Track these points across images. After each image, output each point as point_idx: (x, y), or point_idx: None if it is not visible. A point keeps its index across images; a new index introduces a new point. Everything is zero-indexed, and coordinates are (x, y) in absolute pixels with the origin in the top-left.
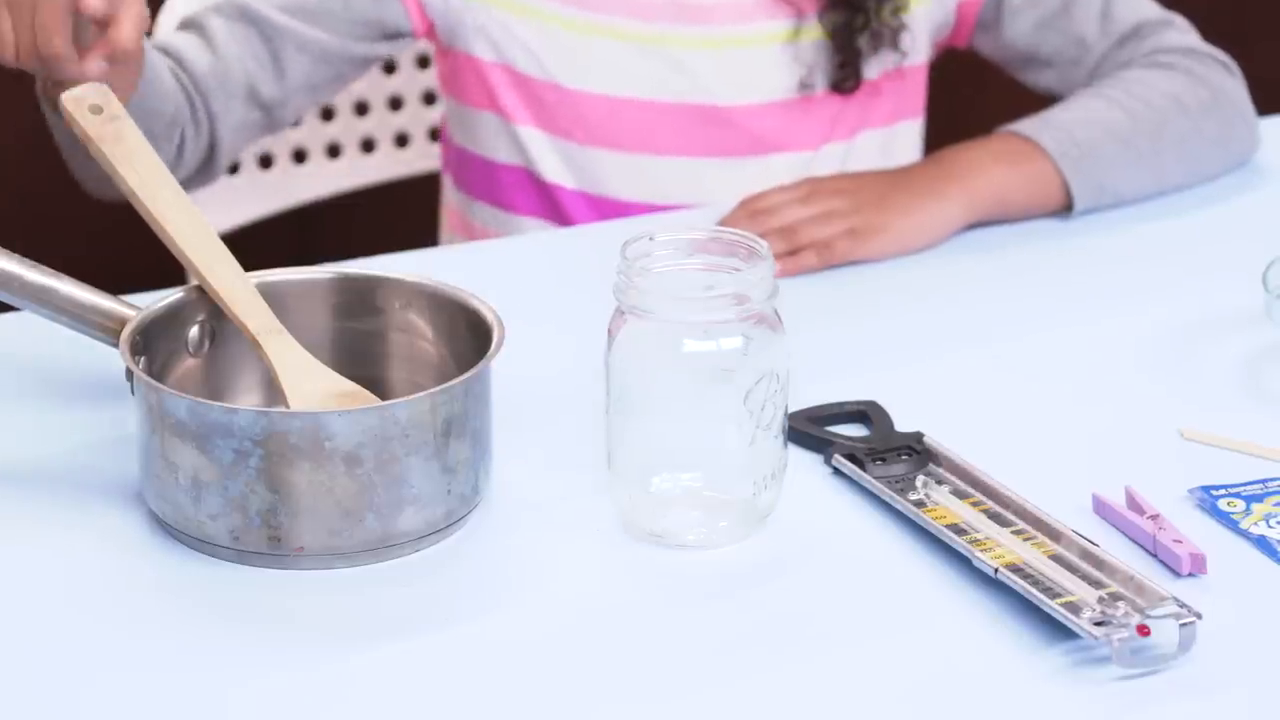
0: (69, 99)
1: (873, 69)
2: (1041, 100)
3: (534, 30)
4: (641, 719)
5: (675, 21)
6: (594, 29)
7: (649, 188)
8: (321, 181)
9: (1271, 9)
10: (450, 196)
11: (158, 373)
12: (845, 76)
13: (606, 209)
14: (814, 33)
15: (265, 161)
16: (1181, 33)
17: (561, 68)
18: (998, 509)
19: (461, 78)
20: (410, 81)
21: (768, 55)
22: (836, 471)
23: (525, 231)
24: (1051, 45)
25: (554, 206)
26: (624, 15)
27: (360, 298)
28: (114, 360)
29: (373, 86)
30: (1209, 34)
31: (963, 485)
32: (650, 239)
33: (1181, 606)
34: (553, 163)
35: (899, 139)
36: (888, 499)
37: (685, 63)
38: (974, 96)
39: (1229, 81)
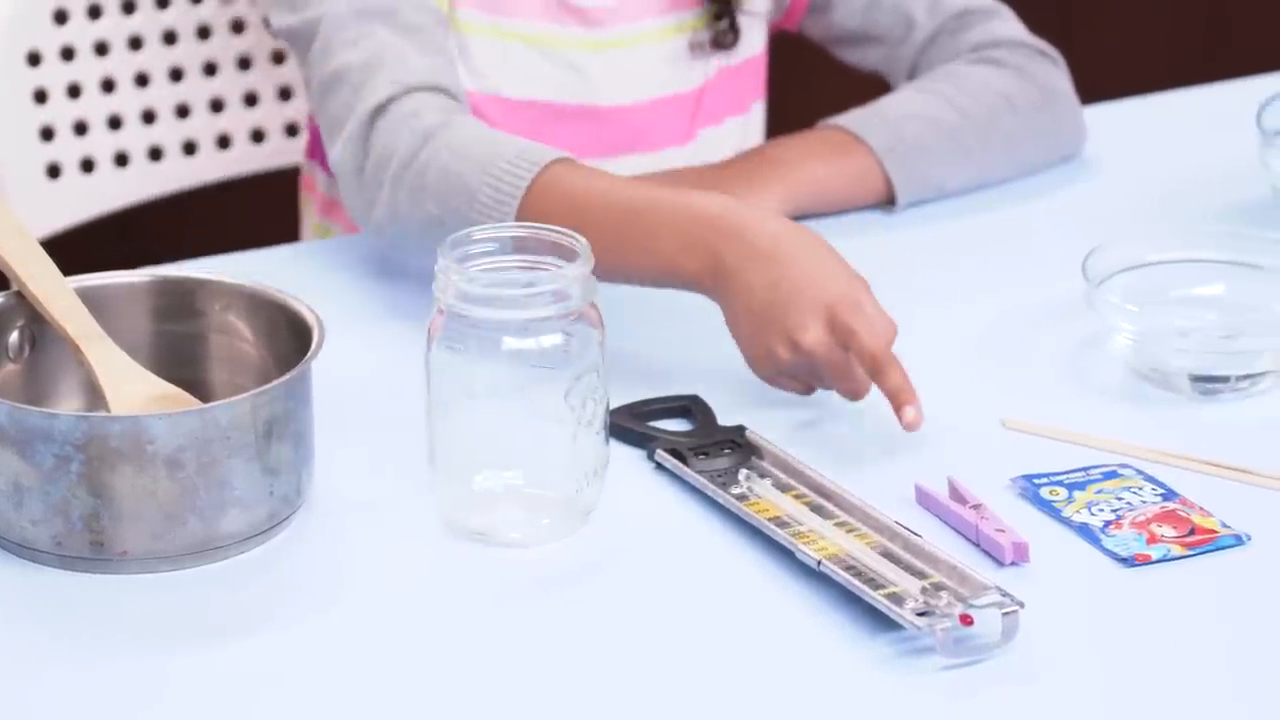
0: None
1: (742, 47)
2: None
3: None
4: (465, 717)
5: (574, 25)
6: (505, 34)
7: None
8: (145, 184)
9: None
10: (323, 184)
11: None
12: (725, 30)
13: None
14: (695, 19)
15: (87, 165)
16: (1008, 23)
17: (468, 71)
18: (820, 501)
19: None
20: (266, 78)
21: (649, 53)
22: (659, 467)
23: None
24: (880, 25)
25: None
26: (535, 20)
27: (180, 300)
28: None
29: (228, 83)
30: (1032, 22)
31: (785, 478)
32: (469, 237)
33: (1004, 596)
34: None
35: (752, 124)
36: (710, 493)
37: (579, 65)
38: (804, 83)
39: (1055, 74)
